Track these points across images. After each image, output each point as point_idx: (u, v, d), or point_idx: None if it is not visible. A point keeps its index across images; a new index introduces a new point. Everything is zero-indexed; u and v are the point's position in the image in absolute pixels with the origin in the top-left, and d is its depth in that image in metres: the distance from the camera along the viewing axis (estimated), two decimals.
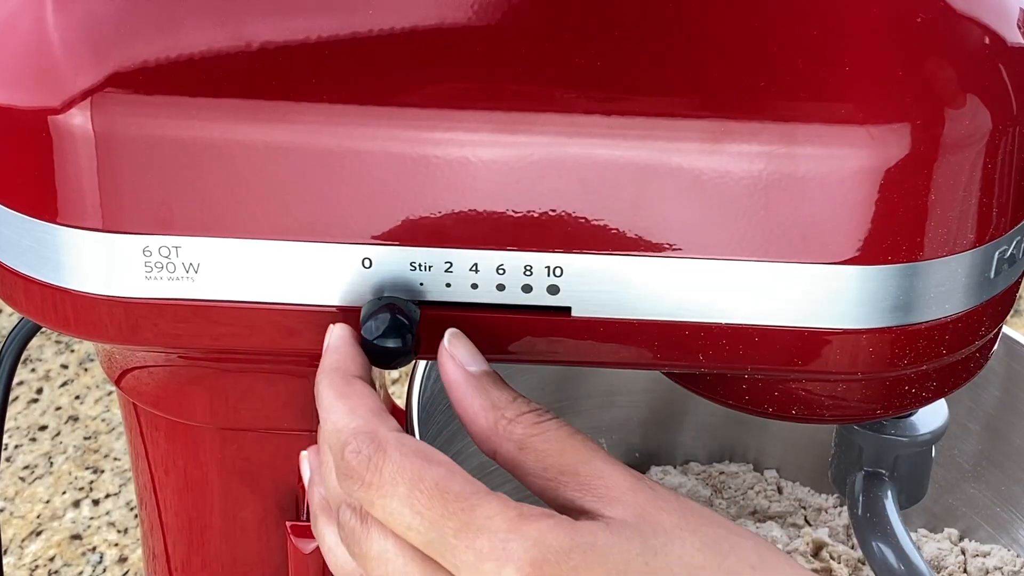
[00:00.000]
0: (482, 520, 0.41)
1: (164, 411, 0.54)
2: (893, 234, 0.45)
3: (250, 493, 0.56)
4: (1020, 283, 0.49)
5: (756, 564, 0.42)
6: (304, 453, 0.50)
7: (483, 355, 0.47)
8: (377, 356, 0.46)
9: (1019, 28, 0.46)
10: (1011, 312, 1.06)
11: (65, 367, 1.08)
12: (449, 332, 0.46)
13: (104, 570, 0.92)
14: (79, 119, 0.45)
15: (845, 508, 0.79)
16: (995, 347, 0.51)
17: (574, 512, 0.43)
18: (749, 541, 0.43)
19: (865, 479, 0.54)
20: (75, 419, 1.03)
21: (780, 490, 0.82)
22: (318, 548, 0.53)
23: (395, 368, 0.47)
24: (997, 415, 0.71)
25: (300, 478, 0.55)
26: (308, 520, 0.54)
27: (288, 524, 0.53)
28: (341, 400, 0.44)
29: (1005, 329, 0.69)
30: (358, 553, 0.44)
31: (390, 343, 0.46)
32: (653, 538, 0.42)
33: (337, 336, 0.46)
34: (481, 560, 0.41)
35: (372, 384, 0.46)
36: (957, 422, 0.71)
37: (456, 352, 0.46)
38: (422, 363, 0.66)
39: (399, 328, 0.46)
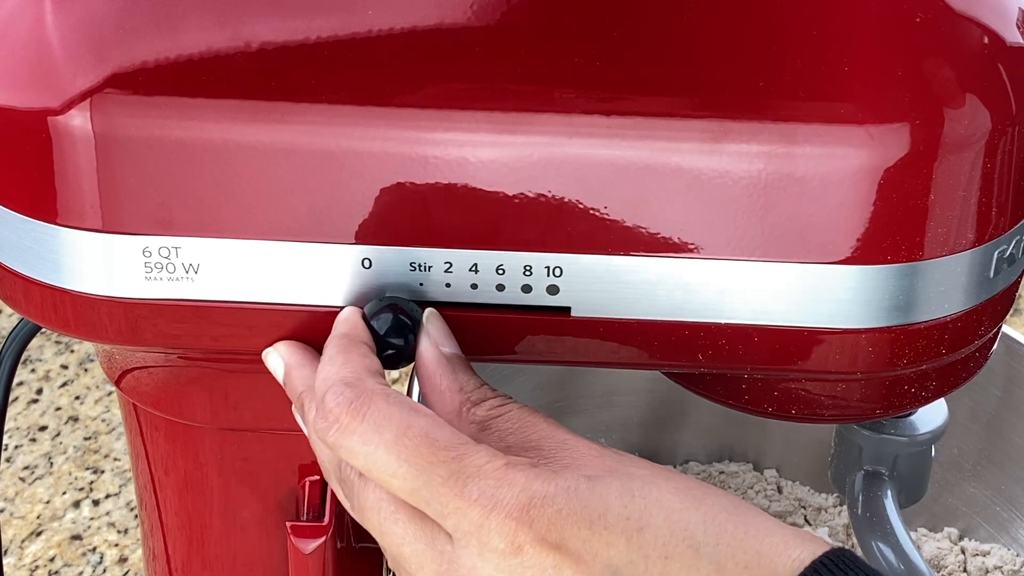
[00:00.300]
0: (472, 468, 0.42)
1: (164, 411, 0.54)
2: (892, 234, 0.45)
3: (250, 493, 0.56)
4: (1020, 282, 0.49)
5: (730, 509, 0.43)
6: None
7: (484, 355, 0.47)
8: (380, 355, 0.46)
9: (1018, 28, 0.46)
10: (1011, 311, 1.06)
11: (65, 367, 1.08)
12: (428, 311, 0.47)
13: (104, 570, 0.92)
14: (79, 120, 0.45)
15: (845, 507, 0.79)
16: (995, 346, 0.51)
17: None
18: (720, 491, 0.44)
19: (865, 478, 0.54)
20: (75, 419, 1.03)
21: (780, 490, 0.82)
22: (318, 549, 0.53)
23: (397, 368, 0.47)
24: (997, 414, 0.71)
25: (300, 478, 0.55)
26: (309, 520, 0.54)
27: (288, 524, 0.53)
28: (340, 354, 0.45)
29: (1005, 328, 0.69)
30: (356, 506, 0.45)
31: (393, 342, 0.46)
32: (630, 482, 0.43)
33: (348, 311, 0.47)
34: (470, 506, 0.42)
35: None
36: (957, 422, 0.71)
37: (432, 330, 0.46)
38: None
39: (401, 328, 0.46)
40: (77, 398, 1.05)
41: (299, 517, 0.54)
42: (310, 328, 0.48)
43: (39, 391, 1.06)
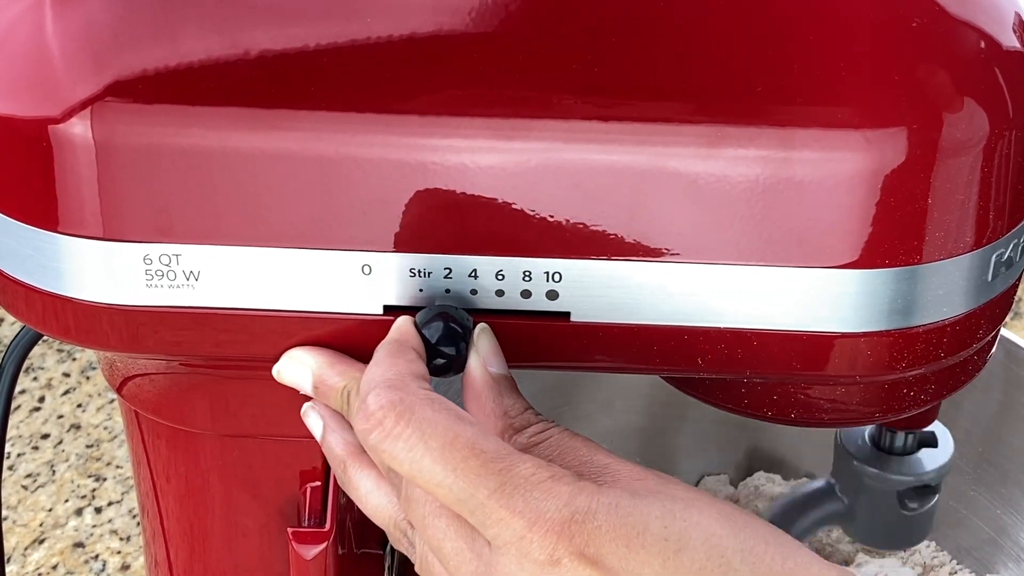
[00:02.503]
0: (518, 479, 0.42)
1: (165, 418, 0.54)
2: (890, 238, 0.45)
3: (251, 499, 0.56)
4: (1018, 285, 0.50)
5: (770, 539, 0.43)
6: (308, 404, 0.50)
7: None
8: (430, 363, 0.46)
9: (1014, 32, 0.46)
10: (1010, 315, 1.06)
11: (67, 375, 1.08)
12: (480, 326, 0.47)
13: None
14: (79, 128, 0.45)
15: None
16: (994, 349, 0.51)
17: None
18: (761, 521, 0.44)
19: (818, 490, 0.54)
20: (77, 427, 1.03)
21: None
22: (320, 555, 0.53)
23: (445, 376, 0.47)
24: (997, 418, 0.71)
25: (302, 484, 0.55)
26: (310, 526, 0.54)
27: (290, 530, 0.53)
28: (388, 358, 0.45)
29: (1005, 332, 0.69)
30: (403, 495, 0.45)
31: (444, 351, 0.46)
32: (672, 504, 0.43)
33: (401, 319, 0.47)
34: (513, 517, 0.42)
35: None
36: (957, 425, 0.72)
37: (481, 348, 0.47)
38: None
39: (453, 336, 0.46)
40: (79, 406, 1.05)
41: (300, 523, 0.55)
42: (307, 334, 0.48)
43: (41, 399, 1.06)
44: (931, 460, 0.55)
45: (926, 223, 0.45)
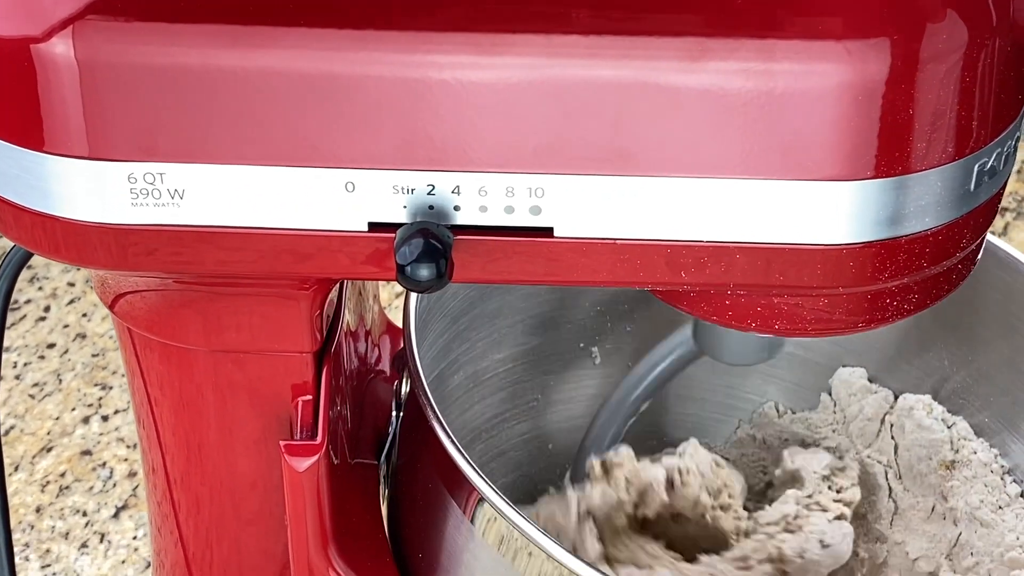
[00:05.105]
0: None
1: (157, 334, 0.55)
2: (872, 150, 0.45)
3: (245, 412, 0.56)
4: (1002, 194, 0.50)
5: None
6: None
7: (468, 277, 0.47)
8: (412, 281, 0.46)
9: None
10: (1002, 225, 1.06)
11: (72, 285, 1.09)
12: None
13: (114, 484, 0.93)
14: (61, 48, 0.45)
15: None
16: (978, 258, 0.51)
17: None
18: None
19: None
20: (83, 336, 1.04)
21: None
22: (312, 467, 0.54)
23: (429, 292, 0.47)
24: (989, 329, 0.71)
25: (293, 397, 0.56)
26: (302, 439, 0.55)
27: (282, 443, 0.54)
28: None
29: (996, 241, 0.69)
30: None
31: (424, 268, 0.46)
32: None
33: None
34: None
35: None
36: (952, 335, 0.72)
37: None
38: None
39: (433, 253, 0.46)
40: (84, 315, 1.06)
41: (293, 436, 0.55)
42: (293, 251, 0.48)
43: (47, 308, 1.06)
44: None
45: (908, 134, 0.45)
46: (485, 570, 0.57)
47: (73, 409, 0.98)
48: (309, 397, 0.55)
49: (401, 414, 0.64)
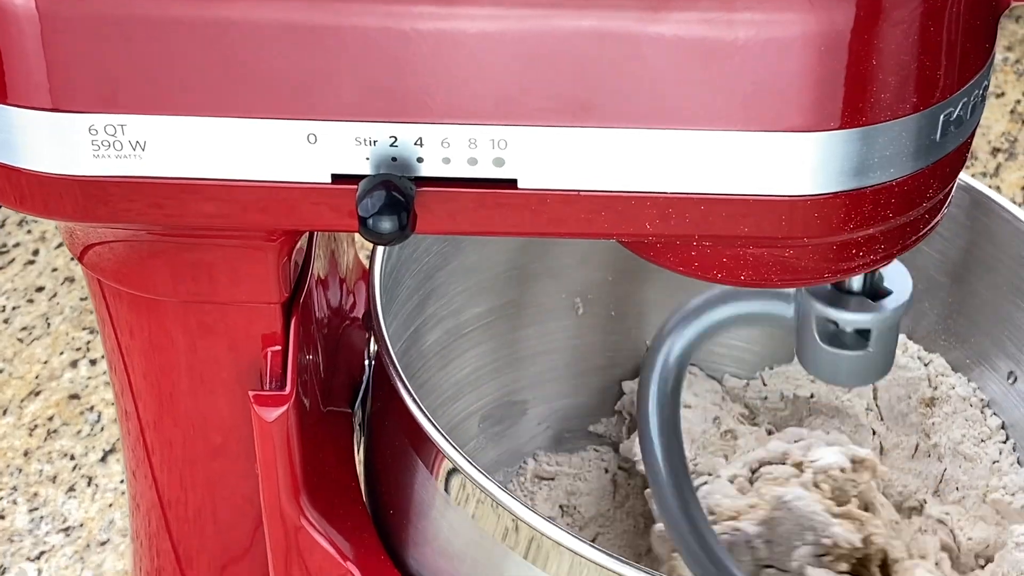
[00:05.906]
0: None
1: (126, 285, 0.55)
2: (836, 100, 0.45)
3: (216, 359, 0.56)
4: (970, 144, 0.49)
5: None
6: None
7: (433, 229, 0.47)
8: (374, 234, 0.46)
9: None
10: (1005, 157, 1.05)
11: None
12: None
13: (102, 428, 0.93)
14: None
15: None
16: (946, 206, 0.51)
17: None
18: None
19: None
20: (71, 280, 1.04)
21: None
22: (281, 416, 0.54)
23: (392, 244, 0.47)
24: (965, 267, 0.71)
25: (263, 347, 0.56)
26: (272, 389, 0.55)
27: (251, 393, 0.54)
28: None
29: (970, 180, 0.68)
30: None
31: (386, 220, 0.46)
32: None
33: None
34: None
35: None
36: (926, 274, 0.72)
37: None
38: None
39: (395, 205, 0.46)
40: (73, 259, 1.06)
41: (262, 386, 0.55)
42: (257, 203, 0.48)
43: (35, 252, 1.06)
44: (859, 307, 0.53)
45: (872, 84, 0.45)
46: (452, 527, 0.58)
47: (61, 353, 0.98)
48: (278, 348, 0.55)
49: (372, 363, 0.64)
